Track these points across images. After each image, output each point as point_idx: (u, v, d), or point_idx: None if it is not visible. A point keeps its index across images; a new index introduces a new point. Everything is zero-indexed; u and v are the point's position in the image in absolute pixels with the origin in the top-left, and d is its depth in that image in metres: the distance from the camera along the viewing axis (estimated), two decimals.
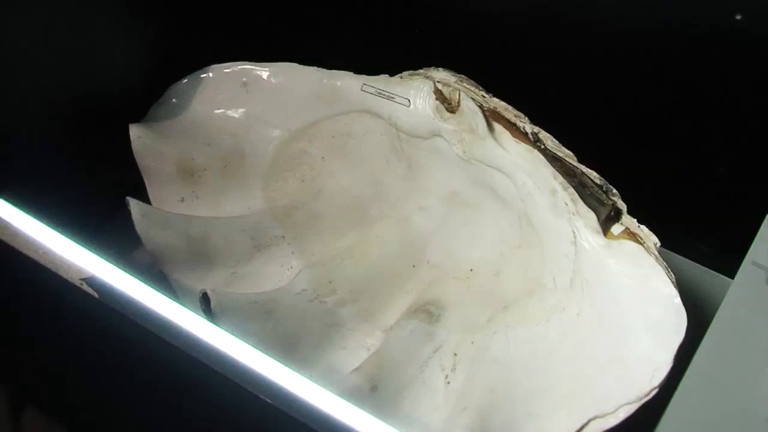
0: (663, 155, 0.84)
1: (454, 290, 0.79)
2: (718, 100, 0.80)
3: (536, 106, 0.77)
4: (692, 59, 0.78)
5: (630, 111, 0.84)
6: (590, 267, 0.71)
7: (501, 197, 0.77)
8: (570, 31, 0.82)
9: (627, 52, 0.81)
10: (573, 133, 0.76)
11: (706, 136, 0.82)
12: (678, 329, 0.66)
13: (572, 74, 0.85)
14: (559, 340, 0.72)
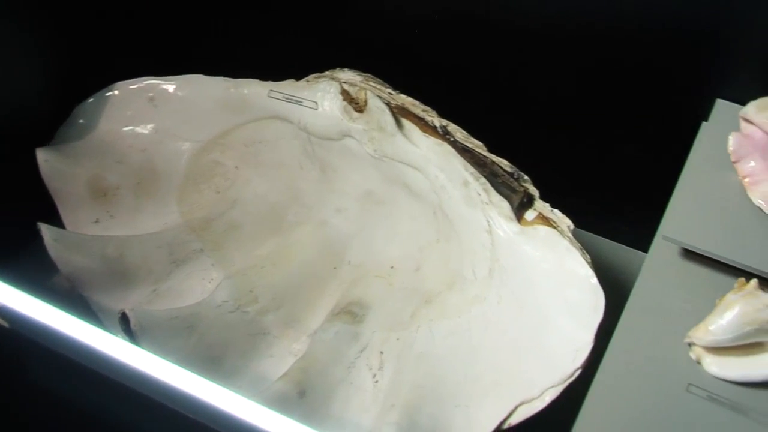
0: (572, 139, 0.85)
1: (376, 289, 0.79)
2: (621, 82, 0.81)
3: (444, 100, 0.77)
4: (596, 42, 0.80)
5: (537, 98, 0.85)
6: (507, 254, 0.71)
7: (415, 193, 0.77)
8: (470, 26, 0.83)
9: (530, 42, 0.82)
10: (483, 124, 0.77)
11: (612, 118, 0.83)
12: (596, 309, 0.67)
13: (477, 67, 0.85)
14: (482, 330, 0.72)
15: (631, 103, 0.81)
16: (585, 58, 0.80)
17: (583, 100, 0.83)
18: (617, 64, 0.80)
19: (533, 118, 0.86)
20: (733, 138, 0.71)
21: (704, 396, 0.65)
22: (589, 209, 0.82)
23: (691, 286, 0.69)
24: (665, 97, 0.79)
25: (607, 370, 0.66)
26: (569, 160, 0.86)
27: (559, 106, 0.84)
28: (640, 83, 0.80)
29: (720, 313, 0.65)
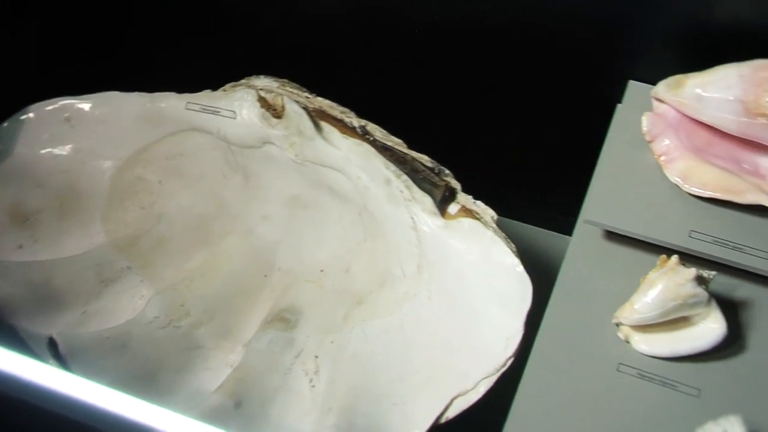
0: (492, 129, 0.86)
1: (308, 293, 0.79)
2: (535, 70, 0.82)
3: (362, 99, 0.77)
4: (509, 32, 0.80)
5: (453, 91, 0.85)
6: (433, 249, 0.72)
7: (340, 194, 0.77)
8: (381, 23, 0.83)
9: (443, 35, 0.82)
10: (401, 121, 0.77)
11: (530, 106, 0.84)
12: (524, 296, 0.68)
13: (392, 63, 0.86)
14: (414, 326, 0.72)
15: (546, 90, 0.82)
16: (499, 48, 0.81)
17: (499, 90, 0.84)
18: (530, 52, 0.80)
19: (451, 111, 0.86)
20: (646, 118, 0.72)
21: (634, 374, 0.66)
22: (513, 197, 0.83)
23: (616, 266, 0.70)
24: (580, 82, 0.80)
25: (539, 356, 0.67)
26: (490, 150, 0.87)
27: (476, 97, 0.85)
28: (554, 70, 0.80)
29: (644, 291, 0.66)
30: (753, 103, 0.68)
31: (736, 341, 0.67)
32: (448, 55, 0.82)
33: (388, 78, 0.87)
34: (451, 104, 0.86)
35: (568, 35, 0.78)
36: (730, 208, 0.70)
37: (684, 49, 0.75)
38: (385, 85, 0.87)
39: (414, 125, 0.76)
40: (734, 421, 0.61)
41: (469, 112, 0.86)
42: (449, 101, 0.86)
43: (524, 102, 0.83)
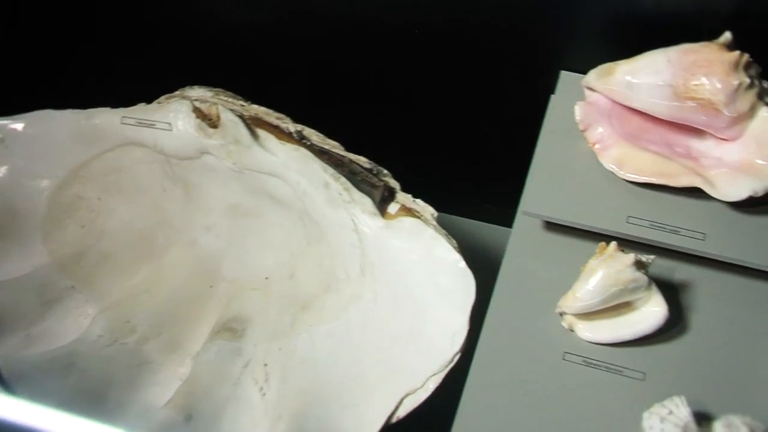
0: (428, 126, 0.86)
1: (254, 302, 0.78)
2: (469, 65, 0.82)
3: (297, 104, 0.77)
4: (438, 29, 0.81)
5: (388, 90, 0.86)
6: (376, 250, 0.72)
7: (280, 201, 0.77)
8: (310, 26, 0.83)
9: (374, 35, 0.82)
10: (338, 123, 0.77)
11: (465, 101, 0.84)
12: (468, 291, 0.68)
13: (325, 66, 0.86)
14: (361, 328, 0.72)
15: (479, 84, 0.82)
16: (430, 45, 0.81)
17: (434, 87, 0.84)
18: (462, 47, 0.81)
19: (387, 110, 0.86)
20: (579, 107, 0.73)
21: (580, 362, 0.66)
22: (453, 193, 0.83)
23: (556, 256, 0.71)
24: (512, 75, 0.81)
25: (485, 350, 0.67)
26: (428, 147, 0.87)
27: (410, 95, 0.85)
28: (486, 64, 0.81)
29: (585, 279, 0.66)
30: (682, 86, 0.69)
31: (677, 323, 0.68)
32: (380, 54, 0.83)
33: (322, 81, 0.87)
34: (386, 103, 0.86)
35: (497, 29, 0.78)
36: (666, 192, 0.70)
37: (613, 37, 0.76)
38: (320, 88, 0.87)
39: (350, 127, 0.76)
40: (679, 401, 0.62)
41: (405, 111, 0.86)
42: (384, 100, 0.86)
43: (459, 97, 0.84)
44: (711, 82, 0.68)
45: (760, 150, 0.69)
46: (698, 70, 0.69)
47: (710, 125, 0.70)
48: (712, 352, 0.67)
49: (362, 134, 0.76)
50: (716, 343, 0.67)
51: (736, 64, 0.68)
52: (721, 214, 0.70)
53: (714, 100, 0.68)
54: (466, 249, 0.70)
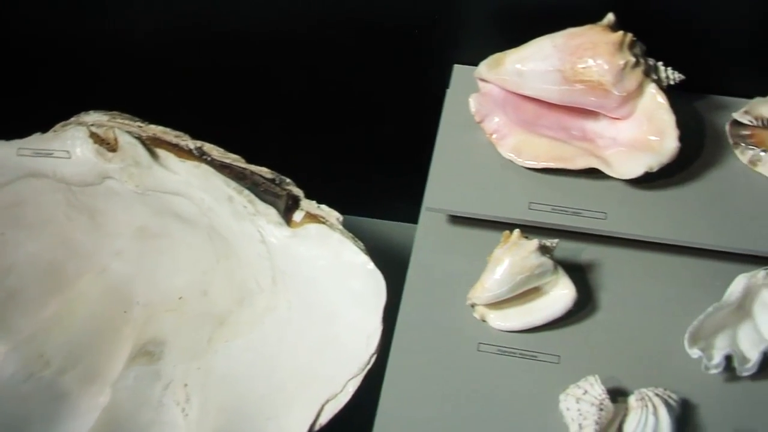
0: (330, 131, 0.86)
1: (170, 323, 0.78)
2: (365, 67, 0.82)
3: (195, 121, 0.77)
4: (332, 33, 0.81)
5: (286, 98, 0.85)
6: (285, 260, 0.71)
7: (186, 219, 0.76)
8: (199, 39, 0.83)
9: (269, 43, 0.82)
10: (239, 136, 0.77)
11: (365, 103, 0.84)
12: (378, 292, 0.68)
13: (221, 81, 0.85)
14: (277, 339, 0.72)
15: (376, 84, 0.83)
16: (323, 48, 0.81)
17: (330, 90, 0.84)
18: (355, 48, 0.81)
19: (286, 117, 0.86)
20: (473, 99, 0.74)
21: (495, 351, 0.67)
22: (359, 195, 0.83)
23: (463, 249, 0.71)
24: (408, 73, 0.81)
25: (399, 348, 0.67)
26: (329, 152, 0.87)
27: (307, 99, 0.85)
28: (381, 63, 0.81)
29: (492, 269, 0.67)
30: (570, 70, 0.70)
31: (587, 303, 0.69)
32: (274, 61, 0.82)
33: (217, 95, 0.86)
34: (285, 110, 0.86)
35: (388, 28, 0.78)
36: (565, 175, 0.71)
37: (502, 27, 0.77)
38: (216, 103, 0.87)
39: (250, 138, 0.76)
40: (593, 380, 0.63)
41: (304, 116, 0.86)
42: (282, 108, 0.86)
43: (356, 99, 0.84)
44: (597, 64, 0.69)
45: (651, 126, 0.70)
46: (584, 53, 0.70)
47: (602, 106, 0.71)
48: (623, 329, 0.68)
49: (263, 144, 0.76)
50: (626, 319, 0.68)
51: (620, 43, 0.69)
52: (620, 192, 0.71)
53: (602, 80, 0.69)
54: (375, 249, 0.71)
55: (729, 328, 0.67)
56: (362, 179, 0.88)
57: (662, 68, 0.71)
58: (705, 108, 0.76)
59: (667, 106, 0.70)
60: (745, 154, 0.73)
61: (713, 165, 0.73)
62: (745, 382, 0.66)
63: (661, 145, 0.70)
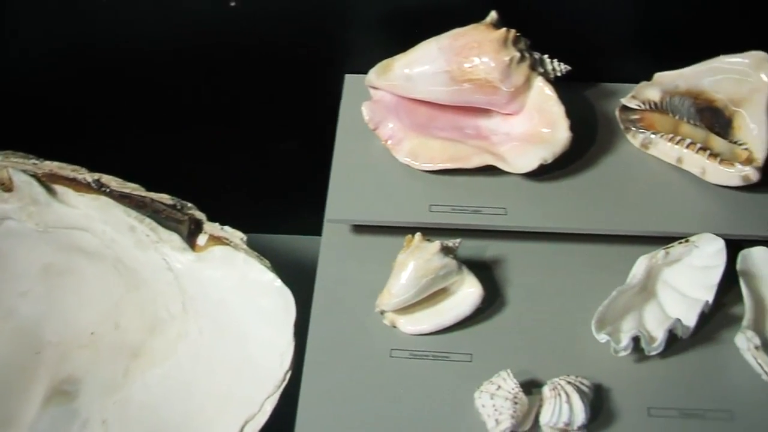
0: (231, 151, 0.86)
1: (84, 359, 0.76)
2: (261, 86, 0.82)
3: (91, 153, 0.76)
4: (218, 55, 0.80)
5: (183, 124, 0.85)
6: (193, 285, 0.71)
7: (91, 253, 0.75)
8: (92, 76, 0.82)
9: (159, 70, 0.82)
10: (137, 165, 0.76)
11: (264, 121, 0.84)
12: (288, 309, 0.68)
13: (113, 111, 0.84)
14: (192, 364, 0.72)
15: (272, 100, 0.83)
16: (216, 70, 0.81)
17: (227, 111, 0.84)
18: (249, 68, 0.81)
19: (184, 142, 0.86)
20: (365, 107, 0.74)
21: (407, 356, 0.67)
22: (263, 212, 0.83)
23: (368, 256, 0.71)
24: (302, 87, 0.81)
25: (313, 361, 0.67)
26: (230, 172, 0.87)
27: (205, 122, 0.85)
28: (275, 80, 0.81)
29: (397, 274, 0.67)
30: (457, 71, 0.71)
31: (495, 299, 0.69)
32: (166, 84, 0.82)
33: (112, 125, 0.86)
34: (181, 134, 0.85)
35: (278, 45, 0.79)
36: (462, 174, 0.72)
37: (389, 33, 0.77)
38: (112, 133, 0.86)
39: (149, 165, 0.76)
40: (505, 375, 0.63)
41: (201, 138, 0.85)
42: (178, 132, 0.85)
43: (252, 116, 0.84)
44: (483, 62, 0.70)
45: (542, 119, 0.71)
46: (470, 53, 0.70)
47: (492, 103, 0.72)
48: (532, 321, 0.69)
49: (162, 171, 0.76)
50: (534, 312, 0.69)
51: (504, 40, 0.70)
52: (519, 187, 0.72)
53: (490, 78, 0.70)
54: (283, 265, 0.70)
55: (635, 310, 0.68)
56: (265, 196, 0.87)
57: (548, 61, 0.72)
58: (594, 96, 0.77)
59: (555, 98, 0.71)
60: (636, 138, 0.74)
61: (607, 151, 0.74)
62: (654, 361, 0.67)
63: (554, 136, 0.71)
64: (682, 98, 0.73)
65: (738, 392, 0.65)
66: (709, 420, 0.64)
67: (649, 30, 0.77)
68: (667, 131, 0.73)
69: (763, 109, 0.68)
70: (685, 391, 0.65)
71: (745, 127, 0.70)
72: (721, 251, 0.68)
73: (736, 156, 0.71)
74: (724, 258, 0.68)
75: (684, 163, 0.72)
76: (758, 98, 0.69)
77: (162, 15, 0.77)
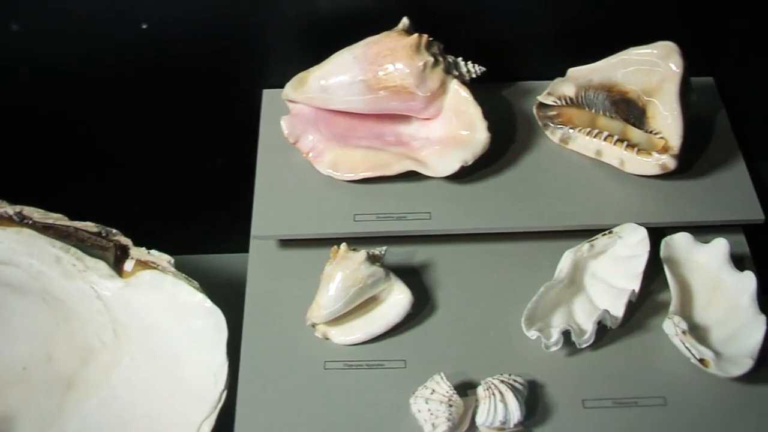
0: (151, 175, 0.85)
1: (17, 396, 0.75)
2: (180, 107, 0.82)
3: (10, 186, 0.75)
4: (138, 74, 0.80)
5: (100, 148, 0.84)
6: (123, 311, 0.70)
7: (17, 287, 0.74)
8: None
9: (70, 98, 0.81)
10: (60, 193, 0.75)
11: (186, 140, 0.84)
12: (219, 328, 0.68)
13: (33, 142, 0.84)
14: (127, 392, 0.71)
15: (193, 122, 0.82)
16: (135, 95, 0.81)
17: (149, 134, 0.83)
18: (167, 90, 0.80)
19: (105, 168, 0.85)
20: (284, 121, 0.74)
21: (342, 367, 0.67)
22: (190, 233, 0.83)
23: (297, 270, 0.71)
24: (220, 105, 0.81)
25: (247, 379, 0.67)
26: (156, 195, 0.87)
27: (122, 147, 0.84)
28: (193, 100, 0.81)
29: (325, 286, 0.67)
30: (373, 79, 0.71)
31: (426, 304, 0.70)
32: (84, 112, 0.81)
33: (30, 155, 0.85)
34: (102, 161, 0.84)
35: (195, 65, 0.78)
36: (385, 182, 0.72)
37: (304, 46, 0.77)
38: (31, 163, 0.85)
39: (71, 194, 0.75)
40: (439, 378, 0.64)
41: (124, 164, 0.85)
42: (99, 159, 0.84)
43: (175, 138, 0.83)
44: (398, 68, 0.70)
45: (460, 121, 0.72)
46: (384, 60, 0.71)
47: (410, 109, 0.72)
48: (464, 323, 0.69)
49: (85, 199, 0.75)
50: (465, 313, 0.69)
51: (417, 45, 0.70)
52: (442, 191, 0.72)
53: (405, 84, 0.70)
54: (213, 285, 0.70)
55: (564, 304, 0.69)
56: (191, 217, 0.87)
57: (462, 63, 0.72)
58: (511, 95, 0.78)
59: (471, 100, 0.71)
60: (555, 134, 0.75)
61: (527, 149, 0.75)
62: (586, 354, 0.67)
63: (473, 137, 0.71)
64: (597, 92, 0.74)
65: (669, 377, 0.66)
66: (643, 407, 0.65)
67: (560, 27, 0.78)
68: (584, 125, 0.74)
69: (675, 98, 0.70)
70: (618, 381, 0.66)
71: (659, 116, 0.71)
72: (644, 240, 0.69)
73: (653, 145, 0.72)
74: (647, 246, 0.69)
75: (603, 156, 0.73)
76: (668, 87, 0.70)
77: (74, 42, 0.76)
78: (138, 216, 0.75)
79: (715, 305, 0.69)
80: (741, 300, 0.68)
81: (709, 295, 0.69)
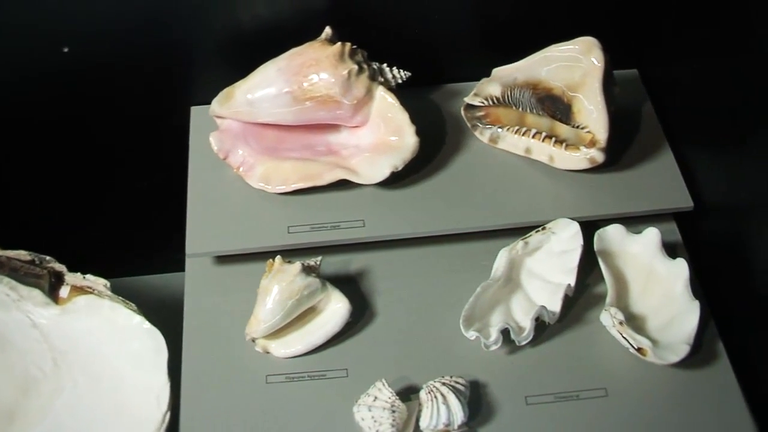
0: (78, 195, 0.85)
1: None
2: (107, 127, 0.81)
3: None
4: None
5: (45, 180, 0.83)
6: (60, 338, 0.70)
7: None
8: None
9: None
10: None
11: (112, 163, 0.83)
12: (159, 349, 0.68)
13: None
14: (71, 419, 0.70)
15: (123, 142, 0.82)
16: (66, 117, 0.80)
17: (78, 158, 0.82)
18: (96, 113, 0.80)
19: (38, 195, 0.84)
20: (213, 138, 0.74)
21: (283, 380, 0.67)
22: (126, 255, 0.82)
23: (234, 286, 0.71)
24: (148, 125, 0.80)
25: (189, 399, 0.67)
26: (90, 219, 0.86)
27: (58, 172, 0.83)
28: (122, 121, 0.80)
29: (262, 300, 0.67)
30: (298, 90, 0.71)
31: (364, 311, 0.70)
32: (11, 138, 0.80)
33: None
34: (32, 187, 0.83)
35: (121, 84, 0.78)
36: (317, 192, 0.72)
37: (229, 61, 0.77)
38: None
39: (1, 223, 0.74)
40: (380, 385, 0.64)
41: (55, 188, 0.84)
42: (28, 185, 0.83)
43: (105, 160, 0.83)
44: (323, 78, 0.70)
45: (388, 127, 0.72)
46: (308, 71, 0.71)
47: (337, 117, 0.72)
48: (404, 328, 0.69)
49: (15, 227, 0.74)
50: (405, 318, 0.70)
51: (341, 54, 0.71)
52: (374, 197, 0.72)
53: (331, 93, 0.71)
54: (151, 306, 0.70)
55: (502, 303, 0.69)
56: (124, 239, 0.86)
57: (387, 69, 0.72)
58: (438, 98, 0.78)
59: (398, 105, 0.71)
60: (484, 134, 0.76)
61: (457, 151, 0.75)
62: (527, 351, 0.68)
63: (401, 143, 0.71)
64: (522, 90, 0.74)
65: (609, 369, 0.67)
66: (584, 400, 0.66)
67: (483, 27, 0.78)
68: (513, 124, 0.75)
69: (598, 92, 0.70)
70: (559, 376, 0.67)
71: (585, 111, 0.72)
72: (577, 234, 0.70)
73: (580, 140, 0.72)
74: (580, 240, 0.70)
75: (533, 153, 0.74)
76: (591, 81, 0.70)
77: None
78: (72, 241, 0.74)
79: (650, 294, 0.69)
80: (675, 287, 0.68)
81: (643, 284, 0.70)
